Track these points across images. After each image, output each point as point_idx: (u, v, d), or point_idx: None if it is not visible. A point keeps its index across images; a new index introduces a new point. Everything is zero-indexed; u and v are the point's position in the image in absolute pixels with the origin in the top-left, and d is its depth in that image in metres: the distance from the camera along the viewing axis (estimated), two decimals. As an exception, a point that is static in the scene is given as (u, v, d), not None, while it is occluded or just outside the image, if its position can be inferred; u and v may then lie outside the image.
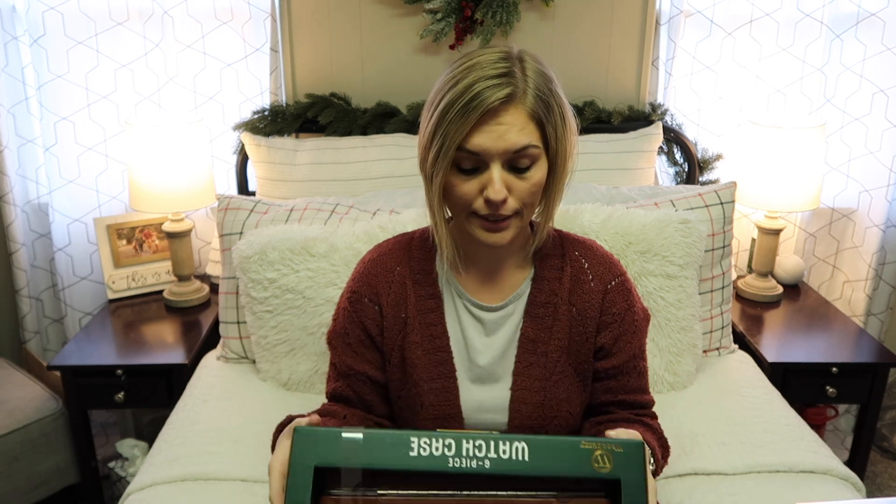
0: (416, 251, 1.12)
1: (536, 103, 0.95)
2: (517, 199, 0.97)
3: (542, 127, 0.96)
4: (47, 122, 2.00)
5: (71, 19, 1.95)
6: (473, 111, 0.92)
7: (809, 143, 1.88)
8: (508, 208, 0.96)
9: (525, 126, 0.94)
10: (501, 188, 0.94)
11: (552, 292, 1.09)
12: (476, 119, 0.92)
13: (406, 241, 1.14)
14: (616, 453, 0.78)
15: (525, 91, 0.94)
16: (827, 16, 2.02)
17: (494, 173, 0.94)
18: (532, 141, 0.95)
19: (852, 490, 1.34)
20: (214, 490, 1.32)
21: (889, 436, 2.24)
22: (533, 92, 0.95)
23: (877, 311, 2.23)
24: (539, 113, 0.95)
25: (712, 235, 1.67)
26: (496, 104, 0.92)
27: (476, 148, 0.94)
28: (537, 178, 0.97)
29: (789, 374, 1.72)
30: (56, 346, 2.19)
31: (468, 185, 0.96)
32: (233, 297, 1.69)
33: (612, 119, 2.01)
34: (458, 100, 0.92)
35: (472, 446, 0.77)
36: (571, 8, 1.99)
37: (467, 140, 0.93)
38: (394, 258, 1.13)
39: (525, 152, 0.95)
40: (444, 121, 0.94)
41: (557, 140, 0.97)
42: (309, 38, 2.01)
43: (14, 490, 1.79)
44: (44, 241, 2.11)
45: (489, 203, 0.95)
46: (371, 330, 1.12)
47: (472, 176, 0.96)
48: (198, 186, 1.89)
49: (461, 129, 0.92)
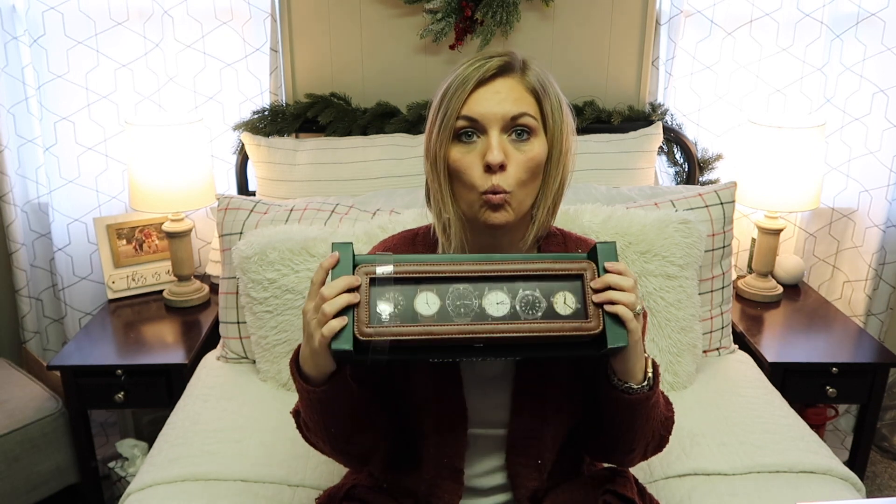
0: (420, 246, 1.13)
1: (534, 80, 0.99)
2: (515, 170, 0.97)
3: (539, 102, 0.99)
4: (47, 122, 2.00)
5: (71, 19, 1.95)
6: (470, 80, 0.97)
7: (809, 143, 1.88)
8: (508, 179, 0.96)
9: (522, 96, 0.98)
10: (499, 152, 0.96)
11: None
12: (474, 85, 0.97)
13: (411, 237, 1.15)
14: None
15: (523, 69, 0.99)
16: (827, 16, 2.02)
17: (493, 138, 0.97)
18: (529, 110, 0.98)
19: (852, 490, 1.34)
20: (214, 490, 1.32)
21: (889, 436, 2.24)
22: (532, 71, 1.00)
23: (877, 311, 2.23)
24: (536, 88, 0.99)
25: (712, 235, 1.67)
26: (493, 71, 0.97)
27: (474, 113, 0.97)
28: (535, 153, 0.98)
29: (789, 374, 1.72)
30: (56, 346, 2.19)
31: (469, 157, 0.98)
32: (233, 297, 1.69)
33: (612, 119, 2.01)
34: (458, 77, 0.98)
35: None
36: (571, 8, 1.99)
37: (466, 107, 0.97)
38: (399, 252, 1.13)
39: (522, 120, 0.97)
40: (446, 97, 0.98)
41: (555, 122, 1.00)
42: (309, 38, 2.01)
43: (14, 490, 1.79)
44: (44, 240, 2.11)
45: (489, 169, 0.96)
46: None
47: (473, 145, 0.98)
48: (198, 186, 1.89)
49: (460, 97, 0.97)
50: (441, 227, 1.04)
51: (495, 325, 0.88)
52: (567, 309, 0.90)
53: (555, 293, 0.90)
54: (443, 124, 0.98)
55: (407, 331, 0.87)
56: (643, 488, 1.19)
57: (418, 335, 0.87)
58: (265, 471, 1.37)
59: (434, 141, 1.00)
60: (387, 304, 0.88)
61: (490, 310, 0.89)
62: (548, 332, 0.88)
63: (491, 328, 0.88)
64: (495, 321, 0.88)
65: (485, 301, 0.89)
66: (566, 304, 0.90)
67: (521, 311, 0.89)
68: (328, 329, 0.87)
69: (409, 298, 0.88)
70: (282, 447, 1.41)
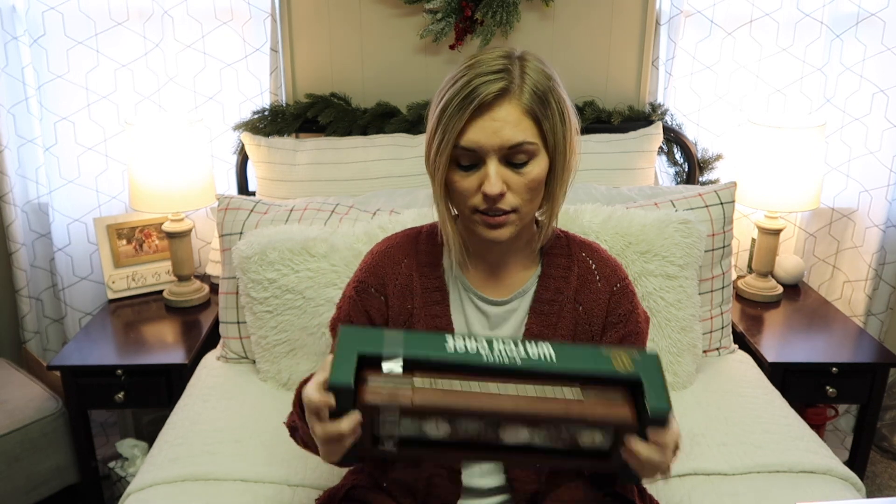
0: (423, 245, 1.13)
1: (532, 99, 0.96)
2: (515, 194, 0.98)
3: (538, 123, 0.97)
4: (47, 122, 2.00)
5: (71, 19, 1.95)
6: (468, 106, 0.94)
7: (809, 143, 1.88)
8: (507, 203, 0.98)
9: (520, 122, 0.96)
10: (497, 182, 0.96)
11: (558, 290, 1.10)
12: (470, 113, 0.95)
13: (414, 235, 1.16)
14: (635, 359, 0.85)
15: (521, 87, 0.96)
16: (827, 16, 2.02)
17: (490, 168, 0.96)
18: (527, 137, 0.96)
19: (852, 490, 1.34)
20: (214, 490, 1.32)
21: (889, 436, 2.24)
22: (529, 88, 0.96)
23: (877, 311, 2.23)
24: (535, 109, 0.96)
25: (712, 235, 1.67)
26: (490, 98, 0.94)
27: (471, 144, 0.96)
28: (535, 174, 0.98)
29: (789, 374, 1.72)
30: (56, 346, 2.19)
31: (467, 182, 0.98)
32: (233, 297, 1.69)
33: (612, 119, 2.01)
34: (456, 96, 0.95)
35: (504, 346, 0.84)
36: (571, 8, 1.99)
37: (463, 136, 0.96)
38: (402, 251, 1.14)
39: (520, 148, 0.96)
40: (444, 117, 0.96)
41: (556, 136, 0.98)
42: (309, 38, 2.01)
43: (14, 490, 1.79)
44: (44, 241, 2.11)
45: (486, 198, 0.97)
46: (376, 320, 1.12)
47: (471, 172, 0.98)
48: (198, 186, 1.89)
49: (457, 124, 0.95)
50: (443, 238, 1.06)
51: (507, 455, 0.84)
52: (591, 443, 0.84)
53: (583, 431, 0.83)
54: (441, 146, 0.97)
55: (413, 454, 0.85)
56: (643, 488, 1.19)
57: (425, 453, 0.85)
58: (265, 471, 1.37)
59: (433, 158, 0.99)
60: (392, 430, 0.82)
61: (507, 439, 0.83)
62: (563, 465, 0.86)
63: (504, 457, 0.87)
64: (508, 451, 0.84)
65: (502, 434, 0.83)
66: (593, 441, 0.83)
67: (541, 442, 0.83)
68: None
69: (416, 424, 0.82)
70: (282, 447, 1.41)
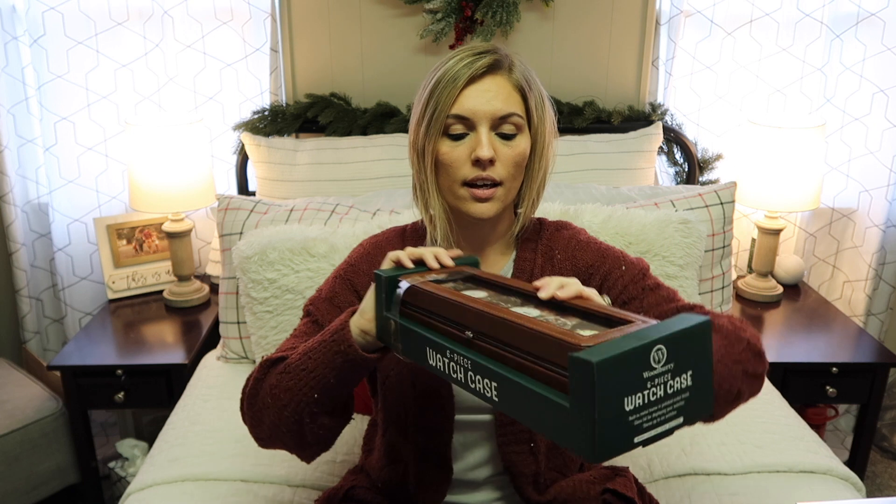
0: (409, 240, 1.17)
1: (520, 77, 1.02)
2: (503, 165, 1.01)
3: (525, 101, 1.02)
4: (47, 122, 2.01)
5: (71, 19, 1.95)
6: (462, 76, 0.99)
7: (809, 143, 1.88)
8: (496, 173, 1.01)
9: (510, 95, 1.01)
10: (489, 148, 0.99)
11: (528, 272, 1.12)
12: (464, 83, 0.99)
13: (400, 231, 1.19)
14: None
15: (510, 66, 1.02)
16: (827, 16, 2.02)
17: (482, 135, 1.00)
18: (517, 110, 1.01)
19: (852, 490, 1.34)
20: (214, 490, 1.32)
21: (889, 436, 2.24)
22: (518, 68, 1.03)
23: (877, 311, 2.23)
24: (522, 86, 1.02)
25: (712, 235, 1.67)
26: (482, 70, 0.99)
27: (465, 111, 0.99)
28: (521, 148, 1.02)
29: (789, 374, 1.72)
30: (56, 346, 2.19)
31: (457, 151, 1.01)
32: (233, 297, 1.69)
33: (612, 119, 2.01)
34: (447, 73, 1.00)
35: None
36: (571, 8, 1.99)
37: (457, 105, 1.00)
38: (391, 244, 1.16)
39: (510, 119, 1.01)
40: (435, 92, 1.00)
41: (539, 118, 1.03)
42: (309, 38, 2.01)
43: (14, 490, 1.79)
44: (44, 241, 2.11)
45: (478, 163, 1.00)
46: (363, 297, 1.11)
47: (461, 142, 1.01)
48: (198, 186, 1.89)
49: (451, 94, 0.99)
50: (428, 218, 1.09)
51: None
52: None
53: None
54: (432, 119, 1.00)
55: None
56: (643, 487, 1.19)
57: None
58: (265, 471, 1.37)
59: (422, 135, 1.03)
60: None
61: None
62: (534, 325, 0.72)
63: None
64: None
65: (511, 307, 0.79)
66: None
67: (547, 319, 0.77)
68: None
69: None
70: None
